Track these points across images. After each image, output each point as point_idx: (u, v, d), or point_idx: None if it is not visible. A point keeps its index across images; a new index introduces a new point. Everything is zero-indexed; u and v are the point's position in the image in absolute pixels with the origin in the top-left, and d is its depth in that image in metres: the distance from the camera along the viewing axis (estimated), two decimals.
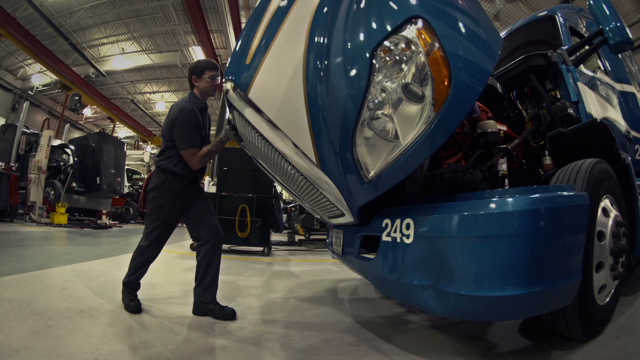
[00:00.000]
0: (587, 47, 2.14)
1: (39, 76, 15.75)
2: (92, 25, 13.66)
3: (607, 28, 1.91)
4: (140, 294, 2.08)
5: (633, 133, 2.65)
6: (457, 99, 1.13)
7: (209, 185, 6.54)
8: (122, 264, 3.61)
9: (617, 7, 2.05)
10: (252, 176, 5.03)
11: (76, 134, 17.66)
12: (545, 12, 2.76)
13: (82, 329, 1.63)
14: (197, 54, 13.18)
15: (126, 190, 10.97)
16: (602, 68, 2.79)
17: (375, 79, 1.18)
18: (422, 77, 1.12)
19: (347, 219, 1.58)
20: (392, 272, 1.37)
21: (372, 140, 1.23)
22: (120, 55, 15.36)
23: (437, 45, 1.12)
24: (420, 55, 1.12)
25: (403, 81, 1.13)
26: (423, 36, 1.12)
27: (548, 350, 1.44)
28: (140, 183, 12.75)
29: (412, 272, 1.28)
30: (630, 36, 1.94)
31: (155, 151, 21.09)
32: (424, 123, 1.14)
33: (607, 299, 1.57)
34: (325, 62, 1.27)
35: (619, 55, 3.03)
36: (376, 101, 1.19)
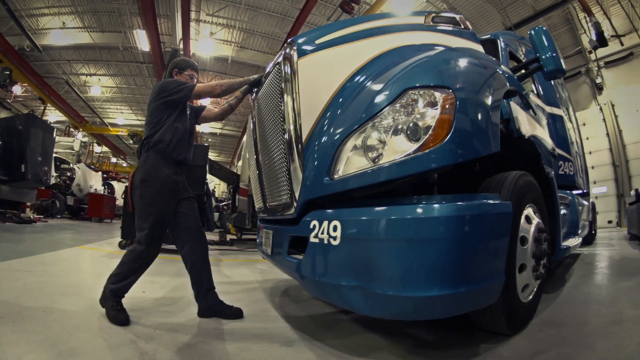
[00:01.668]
0: (523, 71, 2.36)
1: None
2: None
3: (544, 56, 2.12)
4: (66, 298, 1.89)
5: (558, 150, 2.96)
6: (438, 154, 1.27)
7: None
8: (47, 263, 3.27)
9: (555, 40, 2.29)
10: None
11: (3, 114, 15.56)
12: (489, 35, 3.00)
13: (3, 336, 1.47)
14: (141, 38, 12.23)
15: (53, 180, 9.89)
16: (535, 91, 3.10)
17: (392, 108, 1.37)
18: (426, 125, 1.30)
19: (291, 210, 1.62)
20: (319, 273, 1.39)
21: (356, 150, 1.40)
22: (60, 30, 13.86)
23: (451, 113, 1.31)
24: (435, 111, 1.32)
25: (414, 118, 1.33)
26: (446, 104, 1.33)
27: (476, 344, 1.52)
28: (69, 174, 11.70)
29: (340, 273, 1.31)
30: (564, 66, 2.17)
31: (86, 139, 19.37)
32: (402, 155, 1.29)
33: (530, 297, 1.71)
34: (367, 83, 1.58)
35: (552, 82, 3.38)
36: (382, 123, 1.37)
